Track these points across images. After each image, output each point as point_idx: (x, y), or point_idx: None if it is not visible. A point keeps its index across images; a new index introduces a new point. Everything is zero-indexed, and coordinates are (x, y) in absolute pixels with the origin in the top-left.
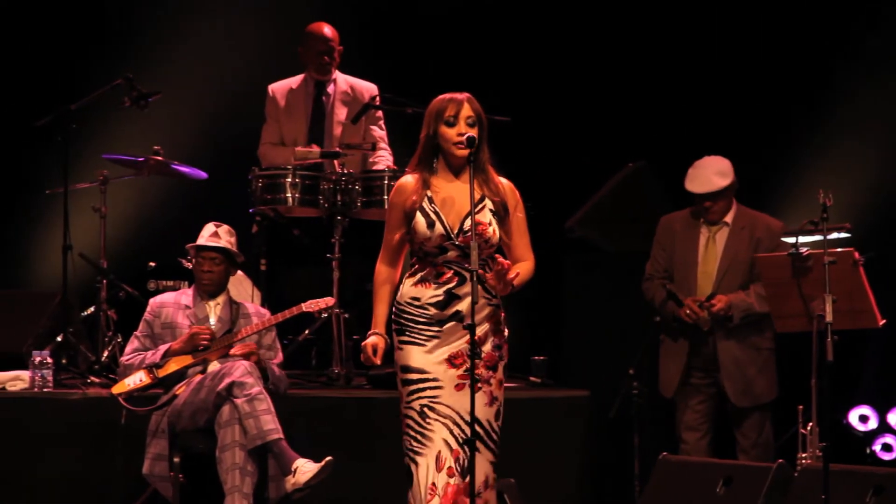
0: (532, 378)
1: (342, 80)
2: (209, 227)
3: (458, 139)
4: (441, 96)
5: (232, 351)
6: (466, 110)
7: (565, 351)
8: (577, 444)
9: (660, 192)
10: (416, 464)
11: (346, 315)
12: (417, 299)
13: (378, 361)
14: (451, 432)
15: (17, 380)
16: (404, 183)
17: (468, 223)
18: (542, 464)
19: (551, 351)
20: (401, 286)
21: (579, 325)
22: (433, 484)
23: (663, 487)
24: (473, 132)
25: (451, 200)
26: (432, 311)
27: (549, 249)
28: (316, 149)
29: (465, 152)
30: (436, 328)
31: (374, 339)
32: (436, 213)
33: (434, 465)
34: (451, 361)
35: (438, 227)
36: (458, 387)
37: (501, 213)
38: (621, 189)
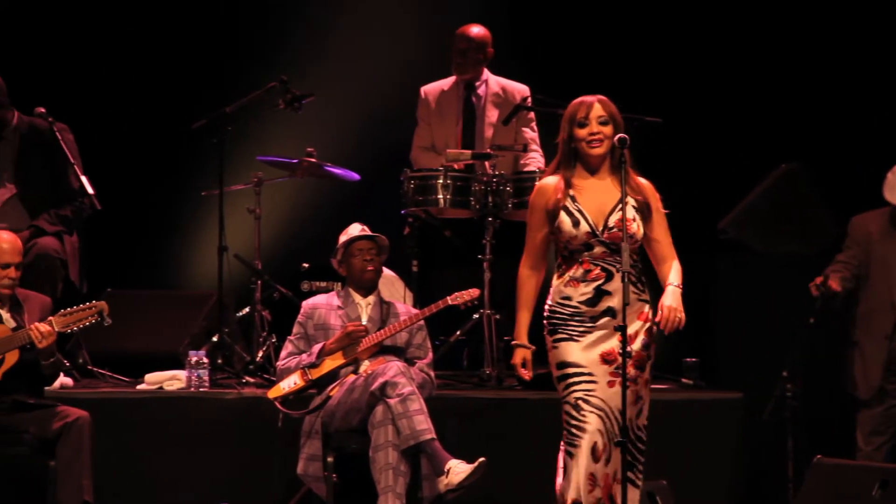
0: (684, 380)
1: (493, 82)
2: (356, 226)
3: (590, 137)
4: (576, 100)
5: None
6: (597, 111)
7: (718, 353)
8: (730, 447)
9: (814, 194)
10: (573, 456)
11: (498, 316)
12: (569, 298)
13: (529, 375)
14: (605, 424)
15: (173, 379)
16: (545, 184)
17: (612, 220)
18: (694, 466)
19: (703, 353)
20: (550, 287)
21: (732, 327)
22: (591, 474)
23: (818, 490)
24: (606, 130)
25: (593, 198)
26: (583, 308)
27: (702, 250)
28: (467, 151)
29: (599, 150)
30: (589, 324)
31: (522, 353)
32: (580, 211)
33: (591, 455)
34: (604, 357)
35: (584, 225)
36: (610, 383)
37: (645, 211)
38: (775, 190)
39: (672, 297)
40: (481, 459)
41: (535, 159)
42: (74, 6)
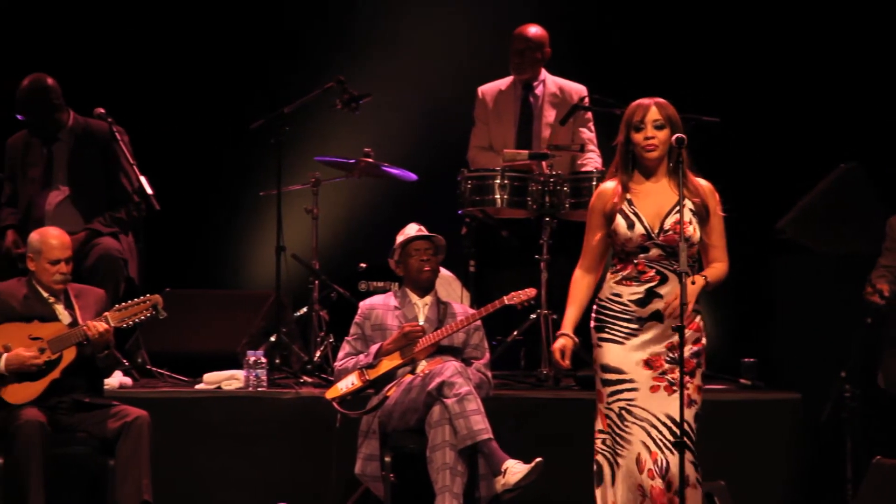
0: (742, 380)
1: (551, 82)
2: (412, 226)
3: (645, 143)
4: (633, 103)
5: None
6: (653, 114)
7: (775, 353)
8: (788, 447)
9: (872, 194)
10: (618, 465)
11: (555, 316)
12: (619, 295)
13: (567, 363)
14: (650, 434)
15: (232, 379)
16: (604, 188)
17: (668, 222)
18: (753, 466)
19: (761, 353)
20: (603, 283)
21: (790, 327)
22: (639, 485)
23: (876, 491)
24: (660, 135)
25: (650, 201)
26: (632, 307)
27: (759, 251)
28: (524, 151)
29: (654, 154)
30: (634, 326)
31: (563, 342)
32: (635, 214)
33: (635, 467)
34: (649, 363)
35: (639, 228)
36: (653, 388)
37: (702, 214)
38: (833, 190)
39: (689, 291)
40: (538, 459)
41: (592, 159)
42: (134, 7)
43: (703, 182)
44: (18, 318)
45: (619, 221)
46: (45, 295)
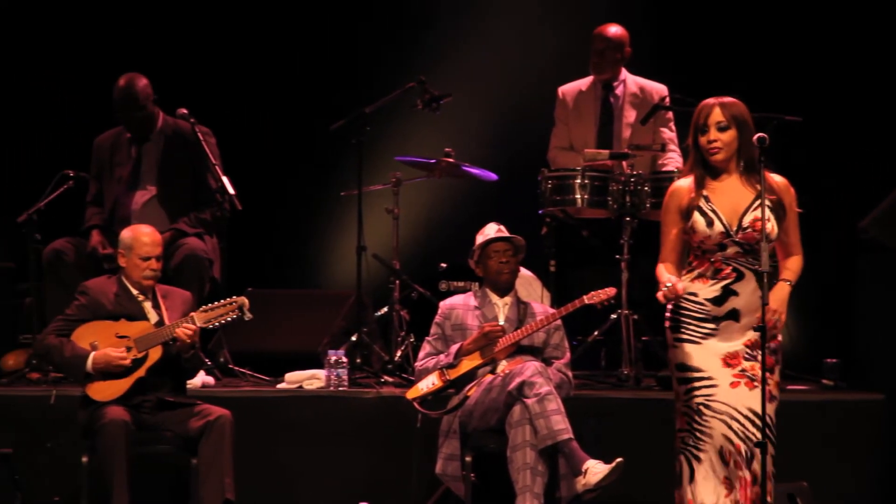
0: (825, 381)
1: (631, 82)
2: (492, 226)
3: (709, 146)
4: (701, 103)
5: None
6: (716, 115)
7: (858, 353)
8: (871, 448)
9: None
10: (699, 460)
11: (636, 316)
12: (695, 294)
13: (683, 288)
14: (730, 427)
15: (313, 379)
16: (679, 185)
17: (746, 220)
18: (835, 467)
19: (844, 353)
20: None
21: (873, 327)
22: (726, 478)
23: None
24: (724, 137)
25: (727, 198)
26: (708, 306)
27: (842, 250)
28: (605, 151)
29: (717, 157)
30: (711, 325)
31: (674, 281)
32: (713, 211)
33: (719, 460)
34: (726, 361)
35: (717, 225)
36: (733, 384)
37: (779, 210)
38: None
39: (778, 298)
40: (619, 460)
41: (673, 159)
42: (216, 8)
43: (777, 178)
44: (107, 315)
45: (698, 219)
46: (135, 293)
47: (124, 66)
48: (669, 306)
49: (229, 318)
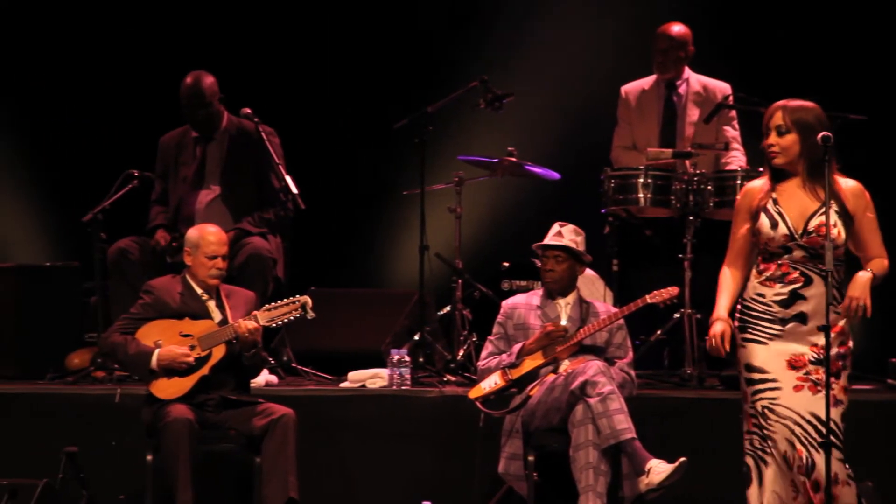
0: (889, 381)
1: (694, 80)
2: (554, 227)
3: (768, 150)
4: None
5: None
6: (776, 119)
7: None
8: None
9: None
10: (766, 463)
11: (699, 315)
12: (762, 296)
13: (727, 348)
14: (793, 432)
15: (376, 378)
16: (751, 186)
17: (812, 224)
18: None
19: None
20: (747, 283)
21: None
22: (792, 481)
23: None
24: (783, 142)
25: (795, 201)
26: (776, 308)
27: None
28: (668, 150)
29: (777, 161)
30: (778, 327)
31: (721, 326)
32: (779, 213)
33: (784, 463)
34: (792, 364)
35: (782, 228)
36: (797, 388)
37: (846, 216)
38: None
39: (858, 285)
40: (682, 459)
41: (736, 158)
42: (281, 8)
43: (850, 182)
44: (171, 314)
45: (763, 220)
46: (199, 292)
47: (189, 65)
48: (738, 307)
49: (292, 317)
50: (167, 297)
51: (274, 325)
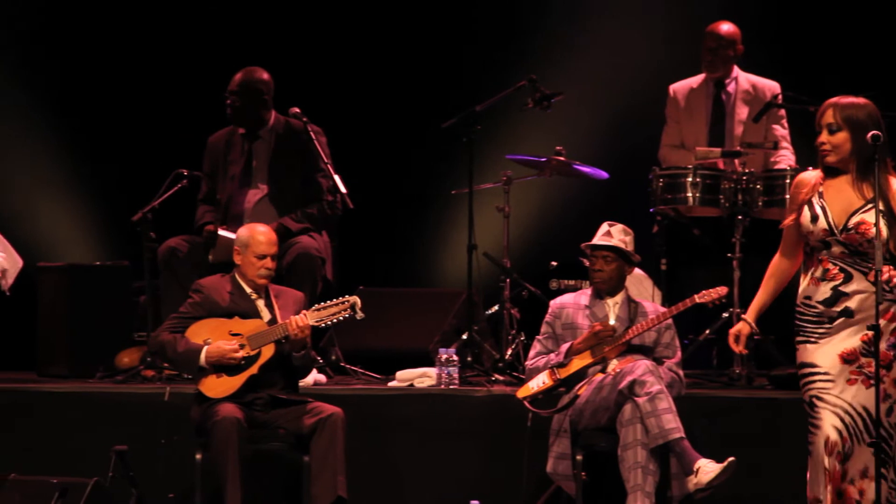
0: None
1: (743, 79)
2: (603, 227)
3: (819, 148)
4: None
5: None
6: (827, 116)
7: None
8: None
9: None
10: (811, 453)
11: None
12: (809, 298)
13: (741, 349)
14: (842, 420)
15: (424, 377)
16: (804, 177)
17: (853, 221)
18: None
19: None
20: (799, 286)
21: None
22: (824, 467)
23: None
24: (833, 140)
25: (839, 197)
26: (821, 308)
27: None
28: (717, 149)
29: (828, 159)
30: (826, 325)
31: (739, 326)
32: (822, 207)
33: (823, 449)
34: (844, 358)
35: (821, 222)
36: (850, 381)
37: (890, 217)
38: None
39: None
40: (731, 459)
41: (785, 157)
42: (328, 8)
43: None
44: (221, 313)
45: (805, 213)
46: (248, 291)
47: (239, 64)
48: (797, 311)
49: (341, 318)
50: (216, 296)
51: (323, 324)
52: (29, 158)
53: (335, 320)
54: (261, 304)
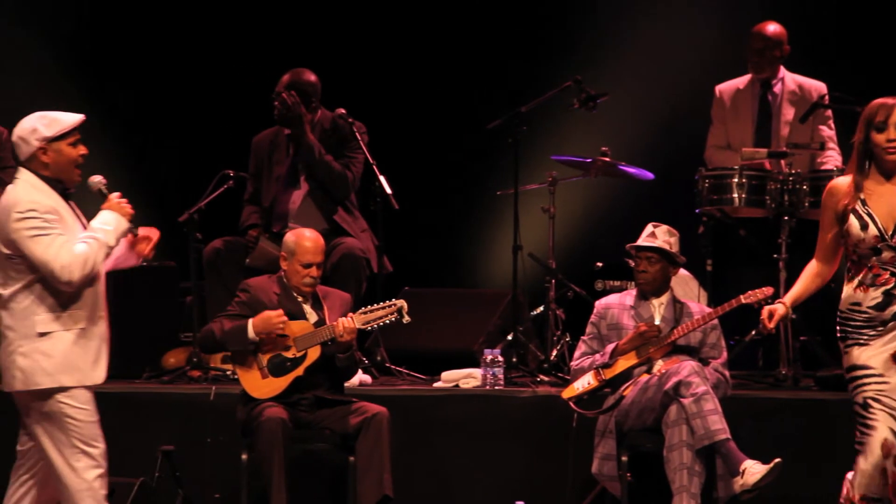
0: None
1: (790, 80)
2: (648, 228)
3: (887, 145)
4: (875, 101)
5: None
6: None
7: None
8: None
9: None
10: (862, 453)
11: (794, 316)
12: (858, 304)
13: (771, 326)
14: None
15: (469, 377)
16: (836, 185)
17: None
18: None
19: None
20: (841, 293)
21: None
22: (884, 470)
23: None
24: None
25: (884, 202)
26: (872, 313)
27: None
28: (763, 149)
29: (894, 158)
30: (879, 328)
31: (776, 306)
32: (869, 214)
33: (880, 451)
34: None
35: (872, 229)
36: None
37: None
38: None
39: None
40: (777, 460)
41: (832, 157)
42: (374, 8)
43: None
44: None
45: (853, 222)
46: (295, 293)
47: (284, 65)
48: (838, 319)
49: (388, 321)
50: (263, 297)
51: (369, 328)
52: None
53: (382, 323)
54: (307, 306)
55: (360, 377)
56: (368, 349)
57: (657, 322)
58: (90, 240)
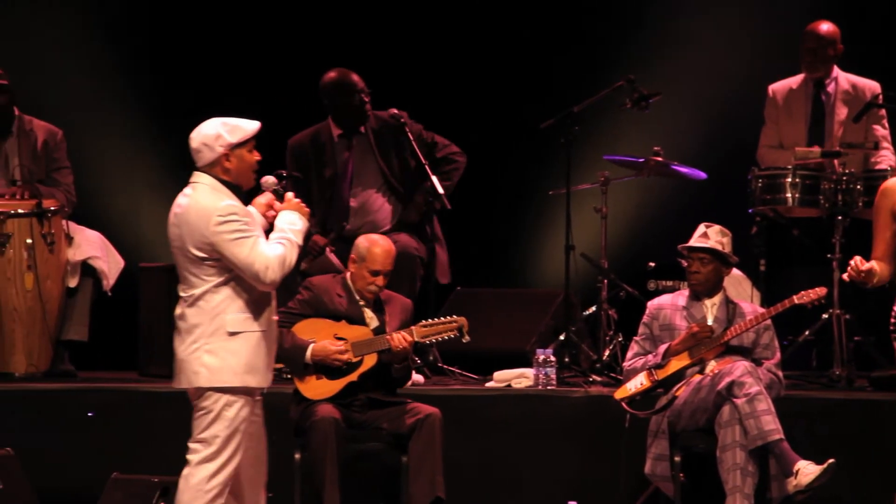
0: None
1: (843, 79)
2: (700, 228)
3: None
4: None
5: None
6: None
7: None
8: None
9: None
10: None
11: (847, 316)
12: None
13: (852, 268)
14: None
15: (521, 377)
16: (890, 184)
17: None
18: None
19: None
20: (895, 293)
21: None
22: None
23: None
24: None
25: None
26: None
27: None
28: (816, 149)
29: None
30: None
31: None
32: None
33: None
34: None
35: None
36: None
37: None
38: None
39: None
40: (831, 461)
41: (886, 157)
42: (425, 8)
43: None
44: (328, 314)
45: None
46: (357, 297)
47: (323, 67)
48: (892, 314)
49: (447, 337)
50: (325, 297)
51: (428, 342)
52: (132, 163)
53: (440, 339)
54: (368, 311)
55: (413, 377)
56: (421, 348)
57: (710, 322)
58: (284, 241)
